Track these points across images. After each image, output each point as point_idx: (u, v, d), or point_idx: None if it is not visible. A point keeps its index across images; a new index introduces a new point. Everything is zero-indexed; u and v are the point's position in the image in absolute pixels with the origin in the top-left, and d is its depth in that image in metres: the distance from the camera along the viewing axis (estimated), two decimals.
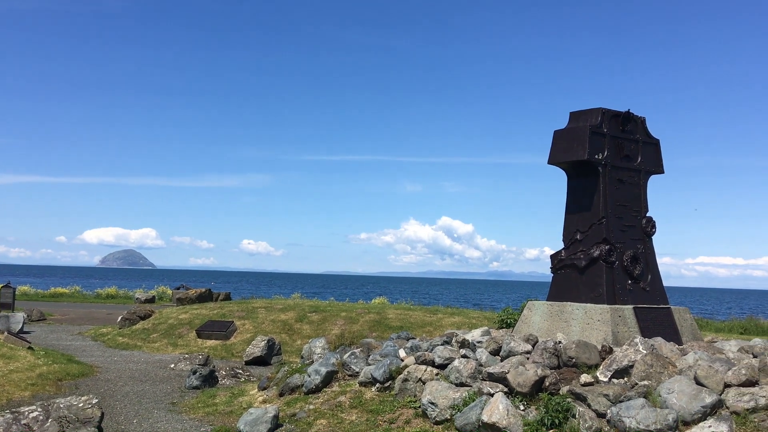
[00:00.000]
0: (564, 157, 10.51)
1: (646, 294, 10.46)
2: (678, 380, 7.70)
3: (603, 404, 7.68)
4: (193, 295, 25.77)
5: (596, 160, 10.23)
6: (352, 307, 20.99)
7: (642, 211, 10.84)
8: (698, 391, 7.40)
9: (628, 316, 9.80)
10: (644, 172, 10.90)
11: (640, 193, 10.85)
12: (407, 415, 8.76)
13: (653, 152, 11.06)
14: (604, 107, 10.44)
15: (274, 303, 22.18)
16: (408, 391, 9.29)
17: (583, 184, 10.59)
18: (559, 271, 10.76)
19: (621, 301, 10.08)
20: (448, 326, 17.55)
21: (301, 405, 9.75)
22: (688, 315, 10.65)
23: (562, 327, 10.07)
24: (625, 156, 10.62)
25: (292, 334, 18.06)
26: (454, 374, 9.14)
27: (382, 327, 17.84)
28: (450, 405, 8.45)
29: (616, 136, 10.52)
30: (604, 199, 10.31)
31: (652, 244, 10.86)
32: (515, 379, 8.37)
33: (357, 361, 10.56)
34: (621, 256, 10.33)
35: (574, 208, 10.71)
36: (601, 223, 10.29)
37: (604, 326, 9.55)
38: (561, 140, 10.59)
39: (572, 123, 10.68)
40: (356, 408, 9.26)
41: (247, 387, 12.18)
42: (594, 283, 10.21)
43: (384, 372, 9.75)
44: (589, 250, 10.32)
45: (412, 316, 19.07)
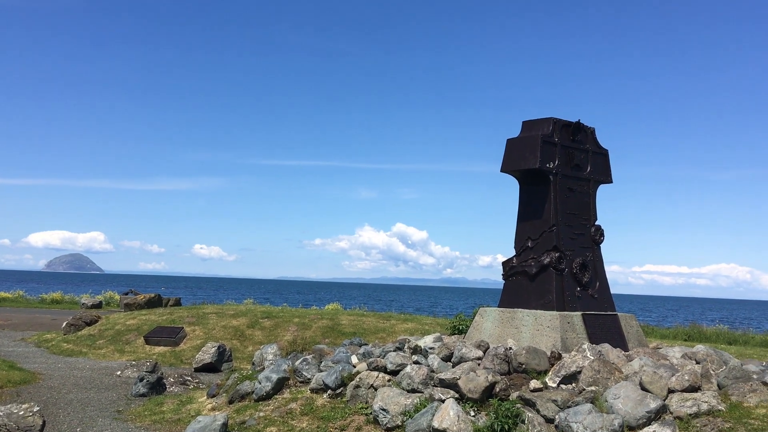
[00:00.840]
0: (516, 166, 10.65)
1: (595, 301, 10.66)
2: (624, 386, 7.86)
3: (551, 410, 7.79)
4: (141, 301, 25.21)
5: (547, 169, 10.40)
6: (305, 313, 20.84)
7: (591, 220, 11.06)
8: (643, 397, 7.57)
9: (576, 323, 9.97)
10: (593, 182, 11.13)
11: (590, 202, 11.07)
12: (359, 421, 8.72)
13: (602, 162, 11.30)
14: (555, 117, 10.62)
15: (226, 309, 21.87)
16: (360, 397, 9.26)
17: (534, 193, 10.75)
18: (511, 278, 10.89)
19: (570, 307, 10.25)
20: (401, 332, 17.58)
21: (251, 412, 9.61)
22: (634, 322, 10.89)
23: (512, 333, 10.18)
24: (575, 165, 10.82)
25: (244, 341, 17.82)
26: (406, 380, 9.14)
27: (335, 333, 17.76)
28: (401, 411, 8.45)
29: (567, 145, 10.72)
30: (555, 207, 10.48)
31: (600, 252, 11.08)
32: (466, 385, 8.42)
33: (309, 367, 10.48)
34: (570, 263, 10.51)
35: (526, 216, 10.86)
36: (552, 230, 10.45)
37: (553, 333, 9.69)
38: (514, 149, 10.73)
39: (525, 132, 10.83)
40: (307, 415, 9.18)
41: (196, 394, 11.95)
42: (544, 290, 10.35)
43: (336, 378, 9.70)
44: (540, 258, 10.47)
45: (366, 322, 19.04)
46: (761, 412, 7.32)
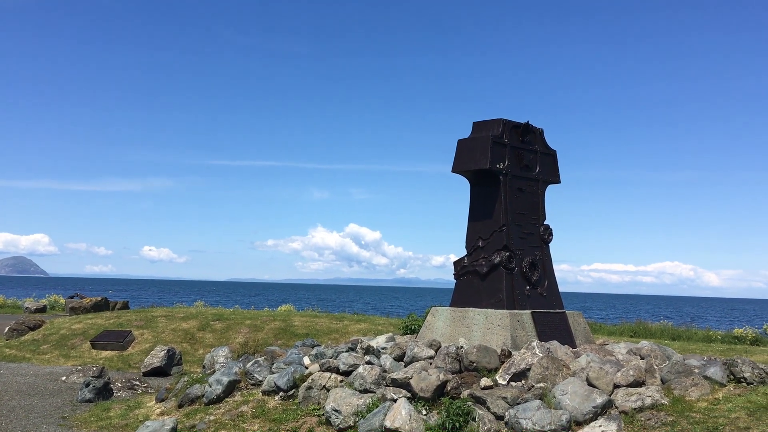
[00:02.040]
0: (467, 166, 10.76)
1: (544, 299, 10.85)
2: (571, 382, 8.02)
3: (501, 407, 7.89)
4: (87, 304, 24.58)
5: (497, 170, 10.54)
6: (257, 315, 20.64)
7: (540, 219, 11.25)
8: (590, 392, 7.73)
9: (526, 321, 10.13)
10: (542, 182, 11.33)
11: (539, 202, 11.26)
12: (311, 423, 8.69)
13: (551, 163, 11.51)
14: (505, 118, 10.77)
15: (176, 311, 21.49)
16: (312, 398, 9.21)
17: (485, 193, 10.88)
18: (462, 278, 11.00)
19: (520, 306, 10.41)
20: (354, 333, 17.57)
21: (201, 416, 9.47)
22: (581, 319, 11.13)
23: (464, 332, 10.28)
24: (525, 166, 11.00)
25: (194, 344, 17.54)
26: (358, 381, 9.14)
27: (287, 334, 17.63)
28: (354, 412, 8.45)
29: (516, 146, 10.88)
30: (505, 207, 10.63)
31: (549, 251, 11.29)
32: (418, 384, 8.47)
33: (260, 369, 10.38)
34: (520, 262, 10.67)
35: (477, 216, 10.98)
36: (502, 230, 10.59)
37: (503, 331, 9.83)
38: (464, 149, 10.84)
39: (475, 133, 10.96)
40: (259, 417, 9.10)
41: (145, 399, 11.71)
42: (495, 289, 10.49)
43: (288, 380, 9.63)
44: (491, 257, 10.60)
45: (318, 323, 18.96)
46: (702, 406, 7.56)
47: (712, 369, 8.34)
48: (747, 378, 8.21)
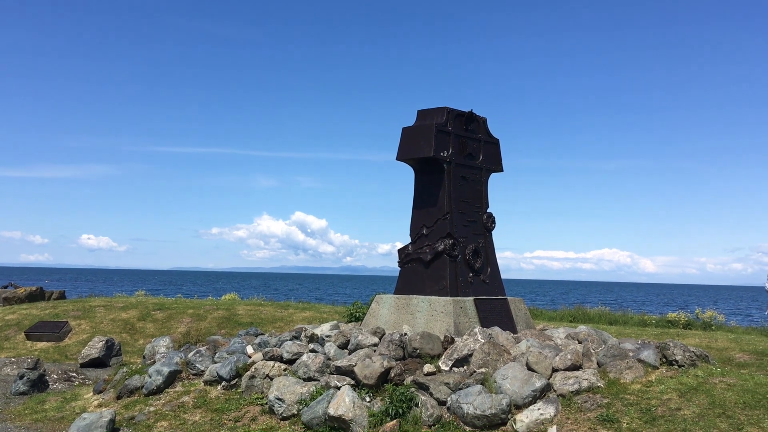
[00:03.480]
0: (411, 154, 10.80)
1: (486, 286, 11.02)
2: (512, 367, 8.18)
3: (444, 392, 7.99)
4: (22, 294, 23.72)
5: (441, 158, 10.61)
6: (200, 304, 20.31)
7: (483, 207, 11.39)
8: (529, 376, 7.90)
9: (469, 308, 10.27)
10: (485, 170, 11.47)
11: (482, 190, 11.40)
12: (254, 412, 8.62)
13: (494, 151, 11.66)
14: (449, 107, 10.84)
15: (115, 301, 20.96)
16: (255, 388, 9.15)
17: (429, 181, 10.95)
18: (406, 265, 11.06)
19: (463, 293, 10.54)
20: (300, 321, 17.48)
21: (141, 407, 9.29)
22: (522, 305, 11.35)
23: (408, 319, 10.35)
24: (468, 154, 11.11)
25: (134, 334, 17.16)
26: (302, 369, 9.12)
27: (231, 323, 17.42)
28: (297, 400, 8.43)
29: (460, 134, 10.97)
30: (449, 195, 10.72)
31: (491, 239, 11.45)
32: (362, 371, 8.50)
33: (202, 359, 10.24)
34: (464, 250, 10.79)
35: (421, 204, 11.05)
36: (446, 218, 10.69)
37: (447, 318, 9.94)
38: (409, 137, 10.87)
39: (420, 121, 11.00)
40: (200, 408, 8.98)
41: (82, 391, 11.41)
42: (438, 276, 10.59)
43: (230, 369, 9.53)
44: (434, 245, 10.69)
45: (263, 311, 18.79)
46: (636, 388, 7.82)
47: (645, 352, 8.63)
48: (678, 361, 8.52)
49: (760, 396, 7.19)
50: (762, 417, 6.71)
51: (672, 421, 6.88)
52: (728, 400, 7.17)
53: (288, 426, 8.19)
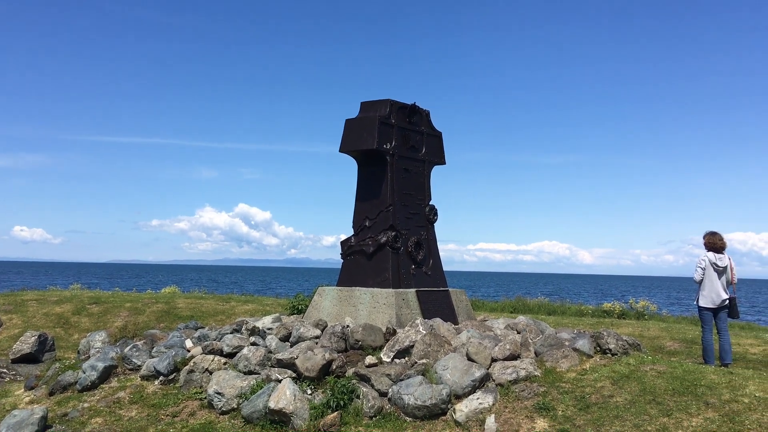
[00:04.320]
0: (355, 146, 10.77)
1: (428, 278, 11.10)
2: (452, 357, 8.28)
3: (385, 384, 8.03)
4: None
5: (384, 150, 10.62)
6: (138, 298, 19.83)
7: (426, 200, 11.47)
8: (469, 367, 8.01)
9: (411, 299, 10.33)
10: (428, 163, 11.54)
11: (425, 183, 11.47)
12: (192, 407, 8.49)
13: (436, 144, 11.74)
14: (392, 99, 10.85)
15: (49, 295, 20.26)
16: (194, 382, 9.00)
17: (372, 173, 10.94)
18: (349, 257, 11.05)
19: (405, 285, 10.60)
20: (242, 314, 17.27)
21: (75, 403, 9.03)
22: (463, 296, 11.49)
23: (350, 311, 10.35)
24: (411, 147, 11.15)
25: (69, 329, 16.62)
26: (242, 362, 9.02)
27: (170, 317, 17.06)
28: (237, 394, 8.33)
29: (403, 127, 11.01)
30: (392, 187, 10.74)
31: (434, 231, 11.54)
32: (303, 364, 8.46)
33: (139, 354, 10.02)
34: (406, 242, 10.85)
35: (364, 196, 11.04)
36: (389, 210, 10.72)
37: (389, 309, 9.98)
38: (352, 129, 10.84)
39: (363, 113, 10.98)
40: (137, 403, 8.78)
41: (12, 387, 11.00)
42: (381, 268, 10.61)
43: (168, 364, 9.35)
44: (377, 237, 10.70)
45: (204, 305, 18.48)
46: (571, 376, 8.03)
47: (580, 341, 8.87)
48: (612, 349, 8.79)
49: (689, 383, 7.48)
50: (690, 403, 6.98)
51: (605, 408, 7.10)
52: (658, 387, 7.43)
53: (227, 420, 8.09)
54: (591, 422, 6.86)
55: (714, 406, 6.84)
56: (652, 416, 6.79)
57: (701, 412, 6.76)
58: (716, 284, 9.67)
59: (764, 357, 11.52)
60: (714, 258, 9.71)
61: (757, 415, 6.57)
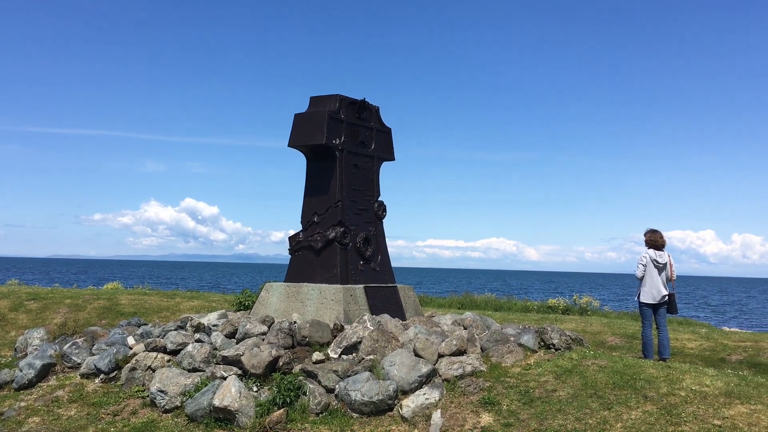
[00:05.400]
0: (303, 141, 10.69)
1: (376, 274, 11.11)
2: (399, 353, 8.31)
3: (332, 380, 8.00)
4: None
5: (333, 145, 10.57)
6: (78, 294, 19.25)
7: (374, 196, 11.46)
8: (416, 362, 8.05)
9: (359, 295, 10.32)
10: (377, 159, 11.53)
11: (373, 179, 11.46)
12: (134, 405, 8.30)
13: (386, 140, 11.74)
14: (342, 94, 10.81)
15: None
16: (136, 380, 8.80)
17: (321, 168, 10.88)
18: (297, 253, 10.97)
19: (353, 281, 10.58)
20: (187, 311, 16.95)
21: (11, 402, 8.72)
22: (411, 292, 11.54)
23: (298, 307, 10.28)
24: (360, 142, 11.13)
25: (5, 325, 16.02)
26: (187, 360, 8.85)
27: (113, 314, 16.61)
28: (181, 392, 8.18)
29: (353, 122, 10.97)
30: (341, 183, 10.70)
31: (382, 227, 11.55)
32: (249, 361, 8.35)
33: (79, 351, 9.74)
34: (354, 238, 10.82)
35: (313, 191, 10.97)
36: (337, 206, 10.67)
37: (337, 305, 9.95)
38: (301, 124, 10.75)
39: (312, 108, 10.90)
40: (76, 402, 8.53)
41: None
42: (329, 264, 10.57)
43: (109, 362, 9.12)
44: (326, 232, 10.65)
45: (148, 301, 18.07)
46: (516, 371, 8.15)
47: (525, 337, 9.01)
48: (555, 344, 8.95)
49: (628, 377, 7.68)
50: (629, 396, 7.17)
51: (548, 402, 7.23)
52: (599, 381, 7.61)
53: (171, 419, 7.93)
54: (534, 416, 6.98)
55: (652, 400, 7.04)
56: (593, 410, 6.95)
57: (640, 405, 6.95)
58: (656, 281, 9.95)
59: (701, 351, 11.94)
60: (654, 255, 9.99)
61: (693, 407, 6.79)
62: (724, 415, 6.60)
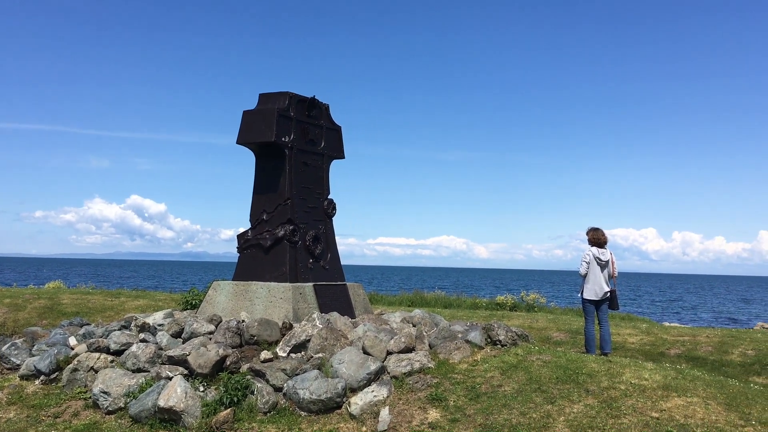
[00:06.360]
0: (252, 138, 10.60)
1: (326, 272, 11.10)
2: (348, 351, 8.32)
3: (281, 379, 7.96)
4: None
5: (283, 143, 10.51)
6: (18, 293, 18.65)
7: (324, 194, 11.45)
8: (365, 360, 8.08)
9: (308, 293, 10.30)
10: (327, 157, 11.51)
11: (323, 177, 11.44)
12: (76, 407, 8.10)
13: (336, 138, 11.73)
14: (291, 92, 10.75)
15: None
16: (78, 381, 8.59)
17: (270, 166, 10.81)
18: (246, 251, 10.87)
19: (302, 279, 10.55)
20: (132, 310, 16.60)
21: None
22: (361, 290, 11.56)
23: (246, 306, 10.19)
24: (310, 140, 11.10)
25: None
26: (131, 360, 8.68)
27: (54, 314, 16.16)
28: (125, 393, 8.02)
29: (302, 120, 10.93)
30: (290, 180, 10.65)
31: (332, 225, 11.54)
32: (196, 360, 8.25)
33: (18, 352, 9.45)
34: (304, 236, 10.79)
35: (262, 189, 10.89)
36: (287, 204, 10.62)
37: (286, 304, 9.90)
38: (250, 121, 10.66)
39: (261, 105, 10.81)
40: (15, 404, 8.28)
41: None
42: (278, 262, 10.51)
43: (50, 363, 8.88)
44: (275, 230, 10.59)
45: (91, 300, 17.63)
46: (463, 367, 8.26)
47: (472, 333, 9.14)
48: (501, 340, 9.11)
49: (571, 371, 7.87)
50: (572, 390, 7.35)
51: (494, 397, 7.35)
52: (543, 375, 7.78)
53: (114, 420, 7.77)
54: (480, 411, 7.09)
55: (594, 393, 7.23)
56: (537, 404, 7.10)
57: (582, 399, 7.13)
58: (599, 277, 10.22)
59: (641, 346, 12.31)
60: (597, 252, 10.25)
61: (632, 400, 7.01)
62: (661, 407, 6.83)
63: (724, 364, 11.14)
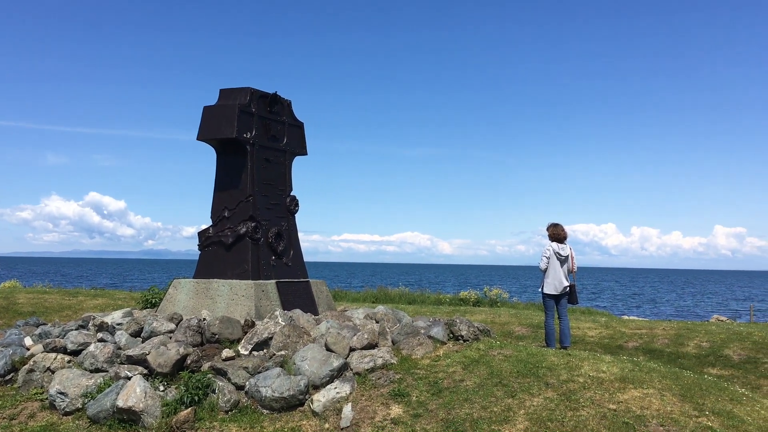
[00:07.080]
0: (213, 134, 10.47)
1: (289, 269, 11.04)
2: (311, 348, 8.30)
3: (243, 377, 7.91)
4: None
5: (244, 139, 10.41)
6: None
7: (287, 190, 11.38)
8: (328, 357, 8.07)
9: (270, 291, 10.23)
10: (289, 153, 11.45)
11: (286, 173, 11.38)
12: (32, 408, 7.92)
13: (298, 134, 11.67)
14: (253, 87, 10.65)
15: None
16: (34, 382, 8.40)
17: (231, 162, 10.70)
18: (207, 249, 10.75)
19: (265, 276, 10.48)
20: (90, 309, 16.31)
21: None
22: (324, 287, 11.54)
23: (208, 304, 10.08)
24: (272, 136, 11.01)
25: None
26: (89, 360, 8.53)
27: (9, 314, 15.80)
28: (83, 393, 7.87)
29: (264, 116, 10.84)
30: (252, 177, 10.56)
31: (295, 222, 11.49)
32: (156, 359, 8.14)
33: None
34: (266, 233, 10.71)
35: (223, 186, 10.77)
36: (248, 200, 10.53)
37: (248, 301, 9.82)
38: (211, 117, 10.53)
39: (222, 100, 10.69)
40: None
41: None
42: (240, 260, 10.42)
43: (5, 363, 8.67)
44: (236, 227, 10.49)
45: (48, 299, 17.28)
46: (426, 363, 8.31)
47: (435, 329, 9.20)
48: (464, 336, 9.19)
49: (532, 365, 7.99)
50: (532, 384, 7.46)
51: (456, 391, 7.42)
52: (504, 370, 7.87)
53: (72, 421, 7.62)
54: (443, 406, 7.15)
55: (553, 386, 7.35)
56: (498, 398, 7.19)
57: (542, 392, 7.24)
58: (559, 272, 10.37)
59: (600, 339, 12.55)
60: (557, 248, 10.41)
61: (590, 393, 7.14)
62: (618, 399, 6.98)
63: (680, 356, 11.43)
